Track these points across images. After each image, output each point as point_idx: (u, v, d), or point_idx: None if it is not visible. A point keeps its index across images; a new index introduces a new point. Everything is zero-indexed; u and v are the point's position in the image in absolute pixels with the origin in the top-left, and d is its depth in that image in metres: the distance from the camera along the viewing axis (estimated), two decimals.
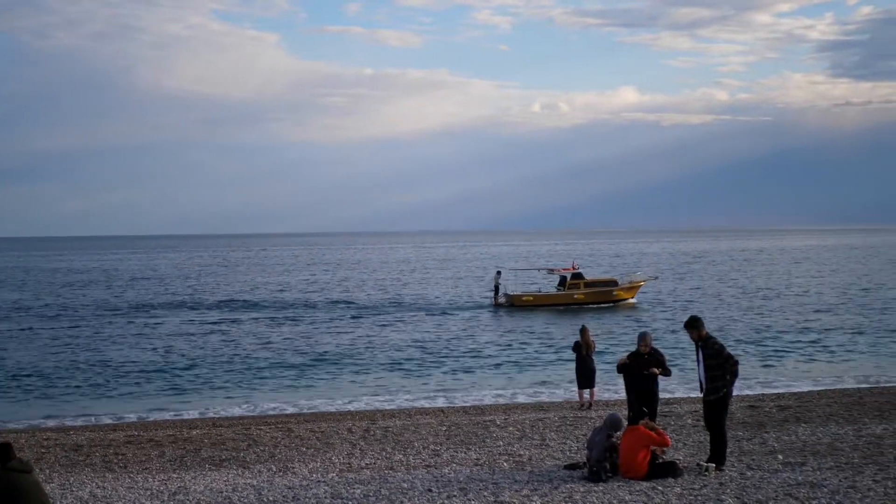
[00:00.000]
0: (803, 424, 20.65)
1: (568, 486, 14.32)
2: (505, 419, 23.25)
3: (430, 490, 14.40)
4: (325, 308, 67.10)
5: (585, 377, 25.84)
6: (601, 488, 14.02)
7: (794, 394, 29.24)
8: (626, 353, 18.24)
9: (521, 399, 30.26)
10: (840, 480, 13.88)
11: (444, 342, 46.08)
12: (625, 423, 15.66)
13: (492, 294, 69.46)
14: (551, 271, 75.15)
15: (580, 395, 26.31)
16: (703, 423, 20.91)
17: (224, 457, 18.88)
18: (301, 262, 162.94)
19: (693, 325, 15.12)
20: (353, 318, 59.63)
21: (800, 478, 14.16)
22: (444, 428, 21.83)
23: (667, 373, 17.61)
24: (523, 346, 43.86)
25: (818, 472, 14.53)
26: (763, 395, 29.57)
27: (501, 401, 29.91)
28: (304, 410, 28.69)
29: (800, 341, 44.74)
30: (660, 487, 13.81)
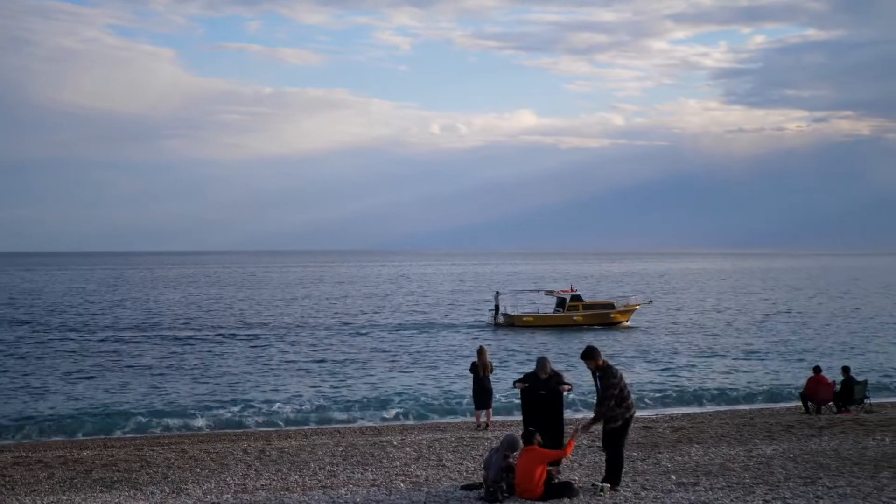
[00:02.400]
0: (696, 445, 20.96)
1: None
2: (402, 440, 23.20)
3: None
4: (230, 327, 66.33)
5: (482, 398, 25.94)
6: None
7: (688, 415, 29.70)
8: (522, 376, 18.25)
9: (419, 420, 30.26)
10: (731, 500, 14.10)
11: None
12: (521, 443, 15.73)
13: (491, 314, 70.76)
14: (551, 293, 75.76)
15: (477, 416, 26.39)
16: (598, 444, 21.15)
17: (116, 478, 18.52)
18: (192, 280, 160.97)
19: (590, 355, 15.18)
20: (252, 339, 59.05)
21: (692, 497, 14.35)
22: (341, 448, 21.70)
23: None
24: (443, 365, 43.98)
25: (710, 492, 14.74)
26: (657, 416, 29.99)
27: (398, 421, 29.87)
28: (200, 431, 28.31)
29: (693, 364, 45.46)
30: None
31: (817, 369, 29.86)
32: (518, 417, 21.56)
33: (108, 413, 32.07)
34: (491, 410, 26.40)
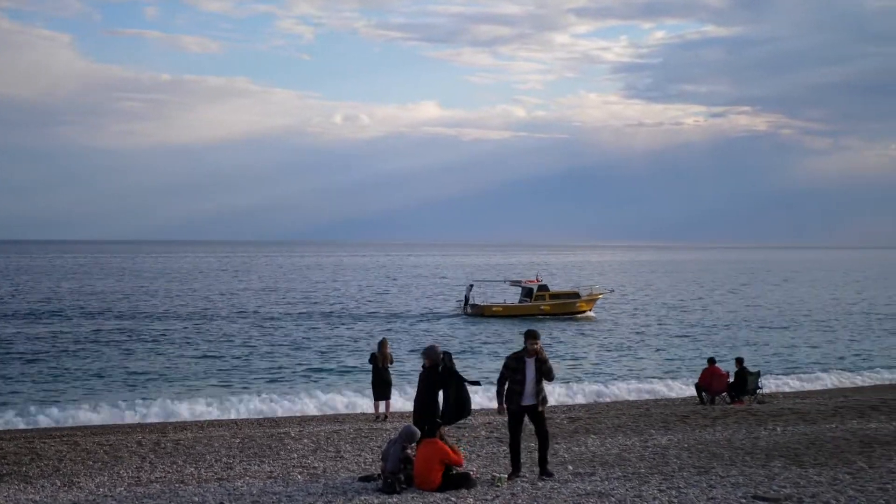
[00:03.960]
0: (593, 436, 21.14)
1: (362, 497, 14.26)
2: (300, 431, 23.03)
3: (221, 503, 14.11)
4: (127, 318, 65.28)
5: (381, 389, 25.89)
6: (395, 500, 14.01)
7: (585, 406, 29.97)
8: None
9: (317, 410, 30.07)
10: (627, 490, 14.24)
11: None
12: (419, 434, 15.70)
13: (460, 304, 71.79)
14: (517, 283, 76.12)
15: (375, 407, 26.33)
16: (496, 436, 21.22)
17: (4, 471, 18.04)
18: (86, 269, 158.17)
19: (538, 336, 15.22)
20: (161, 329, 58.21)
21: (588, 487, 14.45)
22: (238, 440, 21.46)
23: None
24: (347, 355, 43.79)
25: (606, 482, 14.87)
26: (555, 406, 30.20)
27: (296, 412, 29.66)
28: (93, 423, 27.78)
29: (586, 355, 45.93)
30: (453, 499, 13.88)
31: (712, 360, 30.36)
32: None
33: None
34: (390, 402, 26.36)
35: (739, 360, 30.49)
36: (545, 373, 15.10)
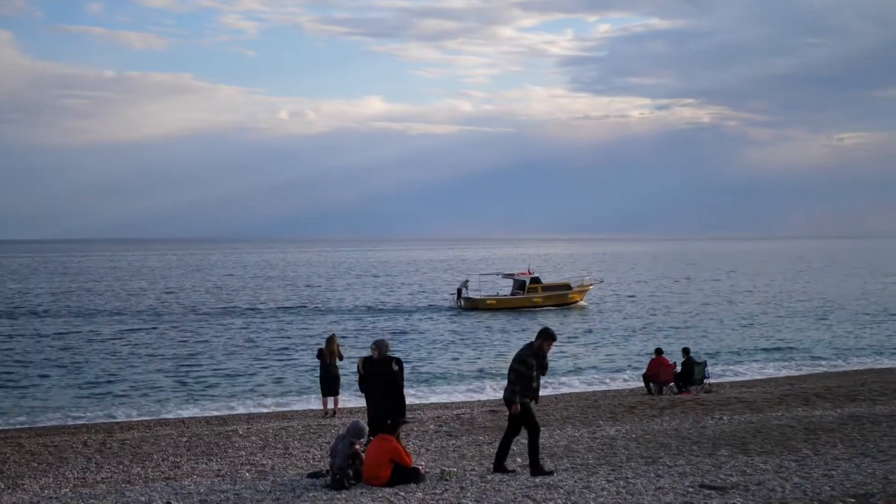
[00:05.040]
0: (541, 428, 21.16)
1: (311, 494, 14.18)
2: (248, 428, 22.92)
3: (169, 503, 13.98)
4: (69, 316, 64.58)
5: (329, 385, 25.81)
6: (344, 496, 13.94)
7: None
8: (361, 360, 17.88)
9: (266, 408, 29.96)
10: (576, 481, 14.27)
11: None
12: (368, 430, 15.65)
13: (454, 297, 72.91)
14: (509, 276, 76.43)
15: (324, 403, 26.25)
16: (445, 430, 21.22)
17: None
18: (33, 270, 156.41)
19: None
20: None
21: (537, 480, 14.46)
22: (185, 439, 21.31)
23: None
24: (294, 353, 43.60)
25: (555, 474, 14.90)
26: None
27: (244, 410, 29.53)
28: (38, 424, 27.46)
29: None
30: (402, 493, 13.84)
31: (659, 351, 30.58)
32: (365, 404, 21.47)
33: None
34: (338, 398, 26.28)
35: (686, 351, 30.71)
36: (544, 367, 15.19)
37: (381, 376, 16.63)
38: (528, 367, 14.99)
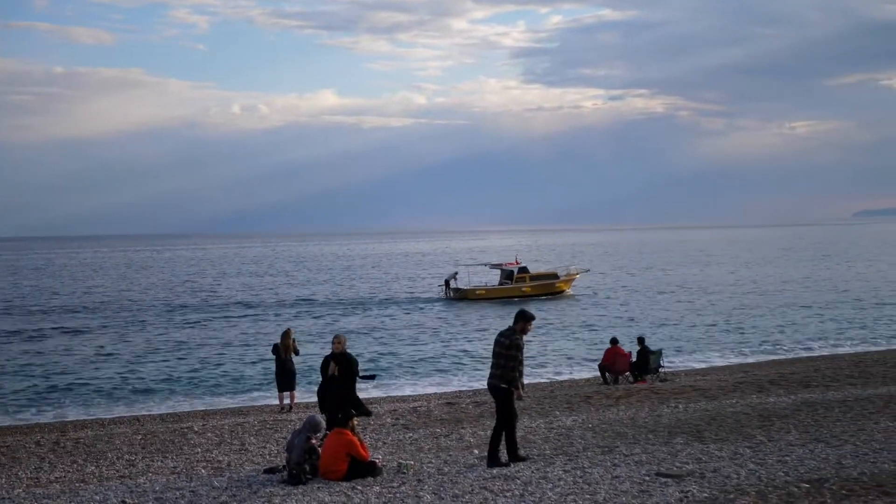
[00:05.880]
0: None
1: (267, 489, 14.11)
2: (203, 425, 22.78)
3: (124, 502, 13.84)
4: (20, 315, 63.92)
5: (285, 380, 25.69)
6: (301, 490, 13.89)
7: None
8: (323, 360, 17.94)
9: (221, 404, 29.82)
10: (532, 472, 14.29)
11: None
12: (324, 424, 15.60)
13: (441, 289, 74.26)
14: (497, 266, 76.76)
15: (280, 399, 26.13)
16: (402, 423, 21.20)
17: None
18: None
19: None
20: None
21: (494, 471, 14.47)
22: (140, 437, 21.15)
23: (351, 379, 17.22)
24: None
25: (512, 465, 14.91)
26: (460, 391, 30.35)
27: (200, 406, 29.37)
28: None
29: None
30: (359, 487, 13.81)
31: (614, 340, 30.68)
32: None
33: None
34: (295, 393, 26.18)
35: (641, 340, 30.87)
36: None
37: (342, 371, 16.72)
38: (520, 352, 14.95)
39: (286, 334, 25.99)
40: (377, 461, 15.06)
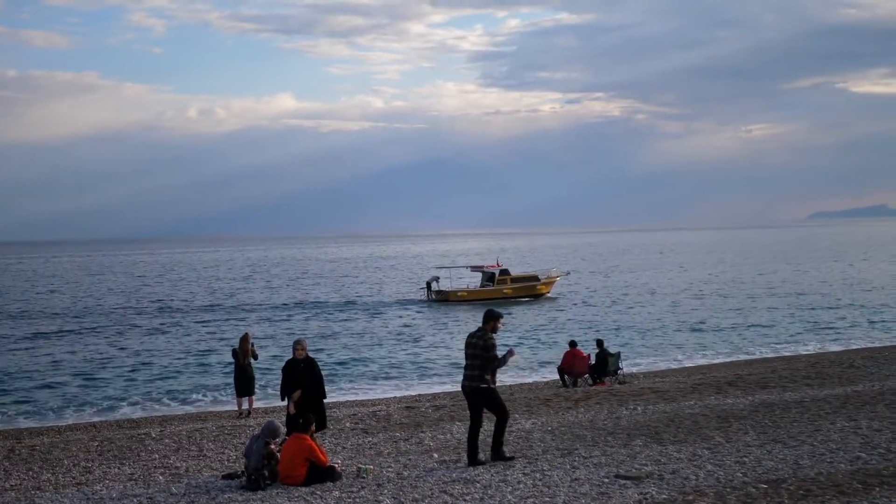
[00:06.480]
0: (458, 422, 21.21)
1: (226, 495, 14.03)
2: (161, 431, 22.61)
3: None
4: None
5: (243, 385, 25.56)
6: (260, 496, 13.82)
7: (449, 393, 30.06)
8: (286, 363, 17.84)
9: (179, 410, 29.63)
10: (492, 475, 14.28)
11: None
12: (283, 429, 15.53)
13: (423, 291, 74.48)
14: (478, 269, 77.64)
15: (238, 404, 26.00)
16: (361, 427, 21.14)
17: None
18: None
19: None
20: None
21: (454, 475, 14.46)
22: (97, 443, 20.96)
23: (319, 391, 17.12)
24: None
25: (472, 469, 14.90)
26: (420, 395, 30.30)
27: (157, 412, 29.16)
28: None
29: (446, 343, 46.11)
30: (318, 492, 13.75)
31: (573, 343, 30.76)
32: (281, 404, 21.30)
33: None
34: (253, 398, 26.05)
35: (600, 342, 30.96)
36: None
37: (305, 376, 16.66)
38: (495, 350, 14.95)
39: (244, 339, 25.86)
40: (336, 466, 15.00)
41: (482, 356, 14.89)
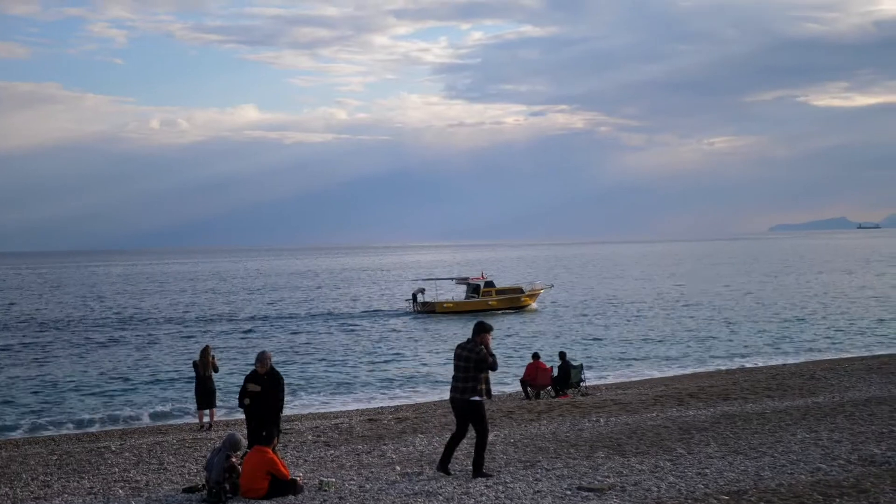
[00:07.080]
0: (420, 435, 21.17)
1: None
2: (121, 444, 22.41)
3: None
4: None
5: (205, 398, 25.41)
6: None
7: (413, 405, 30.02)
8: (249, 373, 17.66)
9: (139, 423, 29.41)
10: (454, 488, 14.26)
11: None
12: (245, 442, 15.43)
13: (409, 303, 74.76)
14: (464, 281, 78.21)
15: (199, 416, 25.84)
16: (323, 440, 21.04)
17: None
18: None
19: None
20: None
21: (416, 487, 14.42)
22: (55, 457, 20.74)
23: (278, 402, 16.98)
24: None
25: (433, 481, 14.87)
26: (382, 407, 30.23)
27: (117, 425, 28.92)
28: None
29: (418, 354, 46.05)
30: None
31: (536, 355, 30.80)
32: (241, 416, 21.14)
33: None
34: (215, 411, 25.89)
35: (562, 354, 31.01)
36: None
37: (268, 389, 16.53)
38: (486, 363, 14.92)
39: (205, 351, 25.70)
40: (298, 479, 14.91)
41: (474, 369, 14.92)
